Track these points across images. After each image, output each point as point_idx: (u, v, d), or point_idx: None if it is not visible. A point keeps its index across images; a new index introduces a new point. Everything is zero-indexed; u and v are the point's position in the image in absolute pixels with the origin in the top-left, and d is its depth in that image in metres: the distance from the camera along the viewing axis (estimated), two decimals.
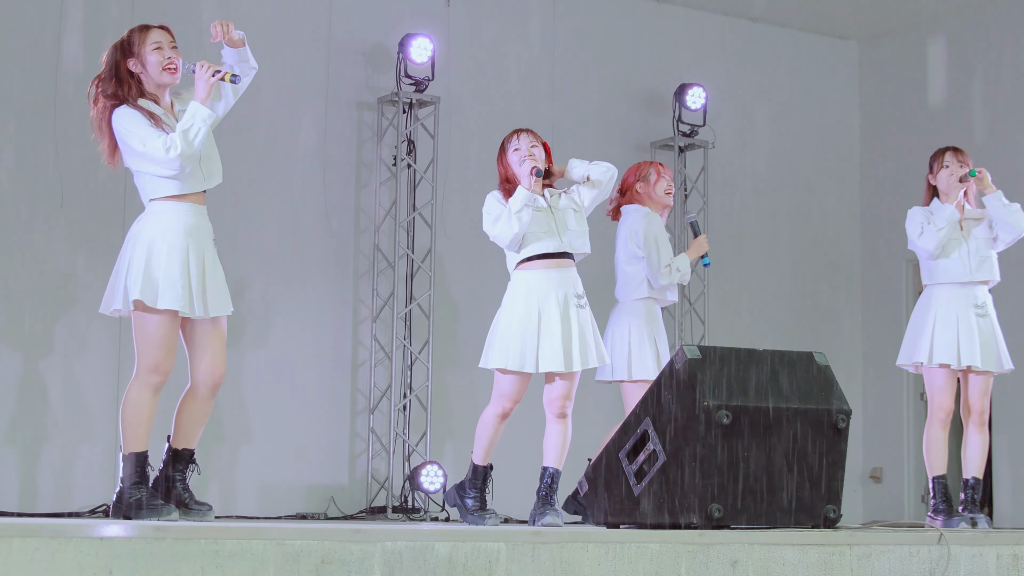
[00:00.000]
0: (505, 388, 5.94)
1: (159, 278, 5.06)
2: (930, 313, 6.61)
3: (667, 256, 6.72)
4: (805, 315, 10.80)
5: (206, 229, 5.21)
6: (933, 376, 6.61)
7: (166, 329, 5.10)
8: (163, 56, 5.24)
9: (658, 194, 6.84)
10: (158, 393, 5.16)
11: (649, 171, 6.86)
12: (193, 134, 5.06)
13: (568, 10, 10.14)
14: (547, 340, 5.84)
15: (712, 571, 4.24)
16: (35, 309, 8.25)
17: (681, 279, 6.76)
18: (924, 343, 6.58)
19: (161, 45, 5.26)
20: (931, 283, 6.70)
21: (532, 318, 5.86)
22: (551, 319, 5.85)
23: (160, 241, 5.10)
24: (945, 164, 6.70)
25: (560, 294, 5.89)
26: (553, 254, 5.92)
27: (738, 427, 4.69)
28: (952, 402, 6.61)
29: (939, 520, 6.45)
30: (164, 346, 5.10)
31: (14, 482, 8.10)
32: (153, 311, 5.06)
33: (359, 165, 9.37)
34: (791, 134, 10.95)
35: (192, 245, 5.12)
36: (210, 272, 5.16)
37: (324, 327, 9.11)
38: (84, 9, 8.52)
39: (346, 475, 9.08)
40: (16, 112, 8.33)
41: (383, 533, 3.87)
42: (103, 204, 8.40)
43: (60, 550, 3.42)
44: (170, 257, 5.07)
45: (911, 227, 6.72)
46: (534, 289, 5.89)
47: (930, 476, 6.62)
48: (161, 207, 5.16)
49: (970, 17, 10.48)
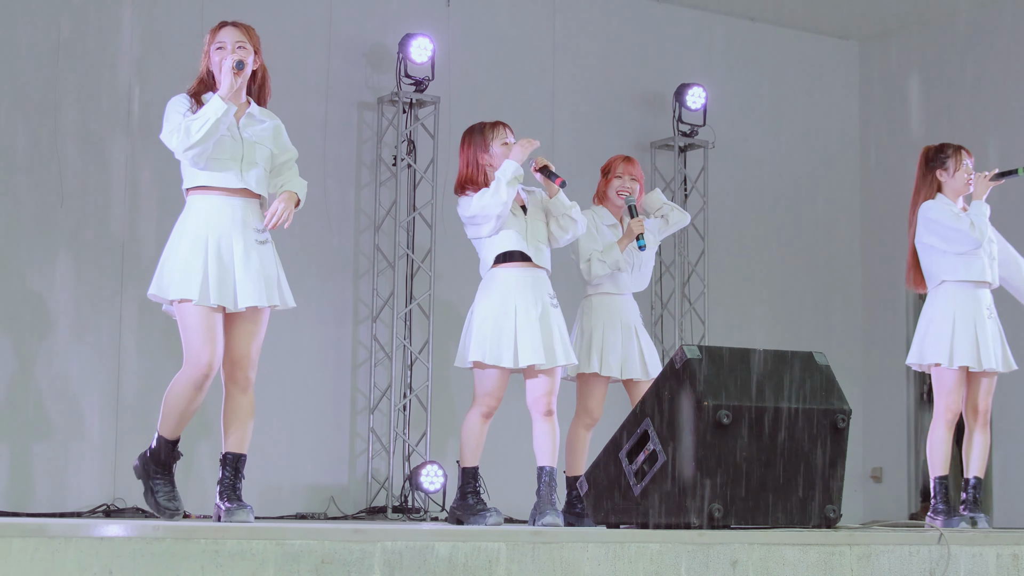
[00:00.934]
0: (487, 386, 5.92)
1: (174, 270, 4.98)
2: (947, 312, 6.49)
3: (587, 250, 6.49)
4: (805, 315, 10.80)
5: (240, 220, 5.05)
6: (945, 377, 6.50)
7: (197, 318, 4.95)
8: (222, 57, 5.08)
9: (610, 194, 6.67)
10: (200, 389, 4.99)
11: (609, 167, 6.73)
12: (197, 126, 4.94)
13: (568, 10, 10.14)
14: (526, 335, 5.86)
15: (712, 571, 4.24)
16: (32, 306, 8.25)
17: (612, 267, 6.45)
18: (943, 344, 6.46)
19: (223, 45, 5.10)
20: (949, 280, 6.54)
21: (509, 314, 5.89)
22: (529, 315, 5.90)
23: (181, 233, 5.02)
24: (963, 163, 6.60)
25: (537, 292, 5.96)
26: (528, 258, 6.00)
27: (738, 427, 4.69)
28: (961, 403, 6.55)
29: (939, 520, 6.41)
30: (198, 337, 4.95)
31: (8, 481, 8.09)
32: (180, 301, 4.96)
33: (359, 165, 9.37)
34: (791, 134, 10.95)
35: (214, 235, 4.99)
36: (240, 262, 5.01)
37: (324, 327, 9.11)
38: (86, 9, 8.52)
39: (346, 475, 9.08)
40: (16, 111, 8.33)
41: (383, 533, 3.87)
42: (102, 202, 8.40)
43: (60, 550, 3.41)
44: (189, 248, 4.97)
45: (948, 219, 6.50)
46: (511, 287, 5.93)
47: (932, 476, 6.57)
48: (191, 199, 5.08)
49: (970, 17, 10.48)
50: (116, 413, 8.33)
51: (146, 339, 8.33)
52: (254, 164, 5.10)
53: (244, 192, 5.08)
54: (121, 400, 8.34)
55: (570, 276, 6.74)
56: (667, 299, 10.29)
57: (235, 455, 5.11)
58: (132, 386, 8.35)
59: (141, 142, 8.46)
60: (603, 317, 6.45)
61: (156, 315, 8.22)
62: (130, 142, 8.52)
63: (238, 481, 5.10)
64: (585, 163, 10.14)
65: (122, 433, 8.30)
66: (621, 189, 6.58)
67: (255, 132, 5.15)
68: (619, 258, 6.44)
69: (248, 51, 5.12)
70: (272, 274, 5.12)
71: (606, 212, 6.64)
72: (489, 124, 6.17)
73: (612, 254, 6.44)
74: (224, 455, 5.12)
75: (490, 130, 6.14)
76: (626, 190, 6.57)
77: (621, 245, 6.47)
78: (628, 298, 6.57)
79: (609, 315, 6.46)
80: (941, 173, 6.66)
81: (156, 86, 8.30)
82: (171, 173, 5.31)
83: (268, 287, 5.09)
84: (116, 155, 8.53)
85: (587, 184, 10.11)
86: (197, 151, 4.97)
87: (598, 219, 6.58)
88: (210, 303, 4.95)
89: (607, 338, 6.40)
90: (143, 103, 8.51)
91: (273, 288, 5.11)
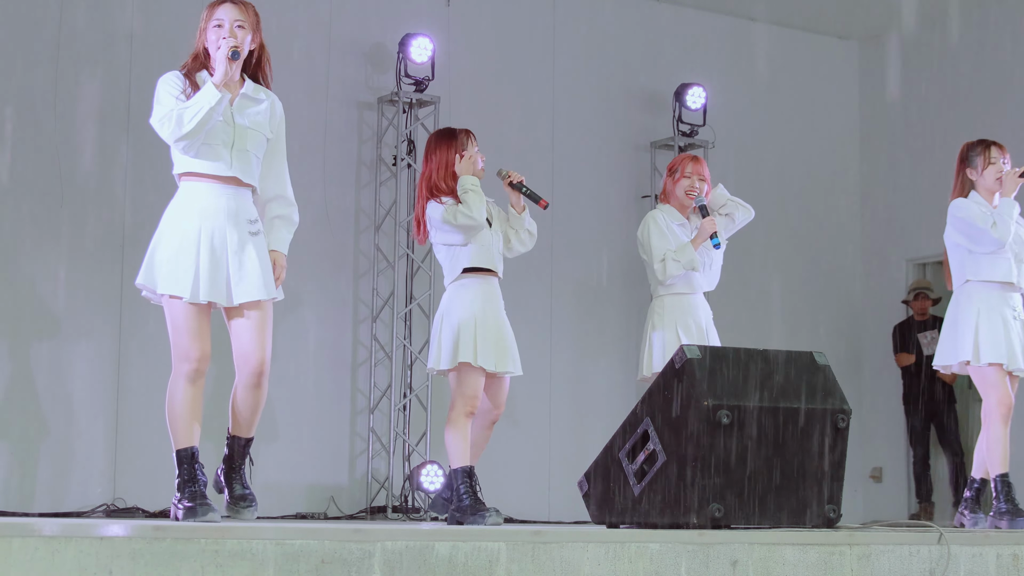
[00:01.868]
0: (473, 387, 5.95)
1: (163, 262, 4.82)
2: (971, 310, 6.34)
3: (660, 250, 6.46)
4: (805, 314, 10.80)
5: (233, 210, 4.88)
6: (985, 373, 6.32)
7: (185, 314, 4.80)
8: (219, 35, 4.89)
9: (678, 194, 6.61)
10: (195, 383, 4.85)
11: (677, 167, 6.67)
12: (190, 116, 4.77)
13: (568, 10, 10.14)
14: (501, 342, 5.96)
15: (712, 571, 4.24)
16: (32, 305, 8.25)
17: (687, 267, 6.43)
18: (967, 341, 6.31)
19: (222, 23, 4.90)
20: (973, 279, 6.41)
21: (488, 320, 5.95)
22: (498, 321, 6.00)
23: (171, 223, 4.86)
24: (992, 160, 6.46)
25: (498, 301, 6.06)
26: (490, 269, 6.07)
27: (738, 427, 4.69)
28: (1011, 395, 6.34)
29: (1004, 522, 6.21)
30: (186, 332, 4.80)
31: (8, 481, 8.09)
32: (167, 296, 4.82)
33: (359, 165, 9.37)
34: (791, 134, 10.95)
35: (206, 227, 4.82)
36: (235, 256, 4.85)
37: (324, 327, 9.11)
38: (84, 9, 8.52)
39: (346, 475, 9.08)
40: (17, 109, 8.33)
41: (383, 533, 3.86)
42: (102, 200, 8.41)
43: (60, 550, 3.41)
44: (180, 240, 4.82)
45: (975, 218, 6.37)
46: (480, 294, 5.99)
47: (992, 475, 6.33)
48: (182, 186, 4.92)
49: (970, 17, 10.48)
50: (116, 413, 8.33)
51: (146, 339, 8.32)
52: (244, 152, 4.93)
53: (234, 180, 4.92)
54: (121, 400, 8.34)
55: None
56: None
57: (243, 439, 5.05)
58: (132, 386, 8.35)
59: (141, 142, 8.46)
60: (675, 317, 6.45)
61: (156, 315, 8.24)
62: (130, 141, 8.52)
63: (244, 463, 5.02)
64: (585, 163, 10.17)
65: (122, 433, 8.30)
66: (690, 190, 6.57)
67: (250, 116, 4.97)
68: (694, 257, 6.44)
69: (246, 31, 4.95)
70: (267, 266, 4.98)
71: (674, 211, 6.61)
72: (463, 131, 6.15)
73: (686, 253, 6.44)
74: (232, 437, 5.05)
75: (464, 137, 6.13)
76: (695, 190, 6.56)
77: (695, 244, 6.47)
78: (700, 297, 6.57)
79: (682, 315, 6.47)
80: (971, 172, 6.53)
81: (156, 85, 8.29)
82: (171, 172, 5.26)
83: (265, 280, 4.94)
84: (116, 155, 8.52)
85: (587, 184, 10.17)
86: (188, 142, 4.82)
87: (668, 218, 6.57)
88: (200, 300, 4.81)
89: (680, 339, 6.36)
90: (143, 102, 8.49)
91: (270, 280, 4.97)
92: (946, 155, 10.43)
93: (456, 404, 5.98)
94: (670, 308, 6.47)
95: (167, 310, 4.88)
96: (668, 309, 6.47)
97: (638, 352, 6.60)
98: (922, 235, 10.58)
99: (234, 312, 4.94)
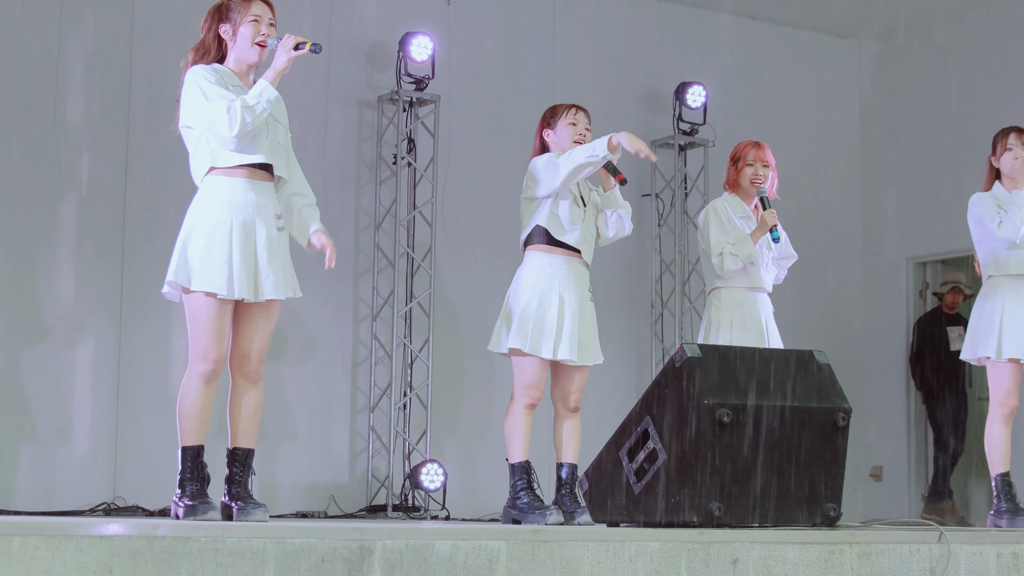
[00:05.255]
0: (529, 377, 5.76)
1: (195, 257, 4.77)
2: (997, 305, 6.26)
3: (719, 244, 6.21)
4: (805, 313, 10.79)
5: (262, 205, 4.88)
6: (998, 371, 6.27)
7: (210, 312, 4.76)
8: (257, 30, 4.95)
9: (743, 183, 6.37)
10: (211, 384, 4.82)
11: (739, 154, 6.41)
12: (254, 114, 4.78)
13: (568, 8, 10.13)
14: (566, 328, 5.73)
15: (712, 569, 4.24)
16: (32, 305, 8.25)
17: (745, 261, 6.19)
18: (992, 337, 6.24)
19: (259, 19, 4.97)
20: (996, 274, 6.32)
21: (553, 303, 5.74)
22: (572, 307, 5.77)
23: (202, 218, 4.81)
24: (1009, 146, 6.37)
25: (580, 285, 5.83)
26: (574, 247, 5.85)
27: (738, 425, 4.69)
28: (1016, 398, 6.30)
29: (1004, 520, 6.19)
30: (208, 331, 4.76)
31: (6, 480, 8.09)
32: (195, 293, 4.77)
33: (359, 163, 9.37)
34: (791, 133, 10.94)
35: (238, 221, 4.80)
36: (263, 251, 4.84)
37: (324, 325, 9.11)
38: (85, 8, 8.52)
39: (346, 473, 9.08)
40: (17, 109, 8.33)
41: (383, 532, 3.87)
42: (102, 200, 8.40)
43: (60, 549, 3.41)
44: (211, 235, 4.78)
45: (985, 215, 6.28)
46: (556, 274, 5.79)
47: (993, 474, 6.30)
48: (208, 180, 4.87)
49: (971, 16, 10.48)
50: (116, 411, 8.32)
51: (146, 338, 8.32)
52: (277, 144, 4.96)
53: (266, 175, 4.92)
54: (121, 399, 8.34)
55: None
56: (667, 298, 10.29)
57: (244, 450, 4.97)
58: (132, 385, 8.35)
59: (141, 142, 8.46)
60: (732, 311, 6.21)
61: (156, 314, 8.25)
62: (130, 141, 8.52)
63: (248, 478, 4.96)
64: None
65: (122, 432, 8.30)
66: (754, 177, 6.30)
67: (277, 110, 4.99)
68: (752, 251, 6.17)
69: (275, 29, 5.02)
70: (290, 263, 4.99)
71: (739, 202, 6.34)
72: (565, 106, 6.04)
73: (745, 247, 6.17)
74: (233, 450, 4.98)
75: (564, 110, 6.01)
76: (759, 179, 6.29)
77: (754, 237, 6.21)
78: (760, 292, 6.33)
79: (740, 309, 6.23)
80: (993, 158, 6.45)
81: (156, 85, 8.30)
82: (171, 172, 5.27)
83: (287, 278, 4.94)
84: (116, 155, 8.52)
85: None
86: (245, 140, 4.82)
87: (730, 209, 6.30)
88: (235, 296, 4.78)
89: (734, 336, 6.15)
90: (144, 102, 8.50)
91: (291, 278, 4.98)
92: (946, 155, 10.49)
93: (514, 396, 5.81)
94: (727, 302, 6.23)
95: (191, 306, 4.82)
96: (725, 303, 6.23)
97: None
98: (922, 235, 10.58)
99: (251, 307, 4.90)
